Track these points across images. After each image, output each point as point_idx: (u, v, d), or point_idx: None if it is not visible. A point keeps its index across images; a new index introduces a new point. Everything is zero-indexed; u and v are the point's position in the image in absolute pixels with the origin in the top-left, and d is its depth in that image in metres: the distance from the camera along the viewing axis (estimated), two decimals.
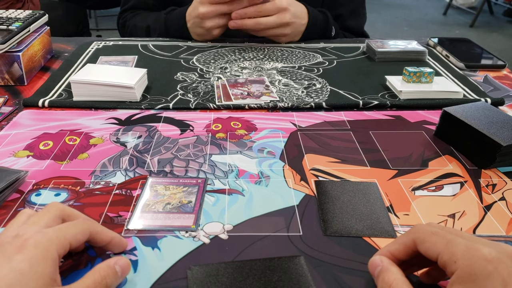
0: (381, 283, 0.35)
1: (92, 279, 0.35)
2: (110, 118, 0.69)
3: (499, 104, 0.75)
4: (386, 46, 0.94)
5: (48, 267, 0.33)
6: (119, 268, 0.37)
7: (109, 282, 0.36)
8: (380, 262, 0.37)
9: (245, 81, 0.80)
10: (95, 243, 0.40)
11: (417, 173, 0.57)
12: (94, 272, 0.36)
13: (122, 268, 0.38)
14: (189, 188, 0.52)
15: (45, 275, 0.32)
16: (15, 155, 0.59)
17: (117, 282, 0.37)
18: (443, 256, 0.33)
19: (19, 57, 0.77)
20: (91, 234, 0.39)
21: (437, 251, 0.33)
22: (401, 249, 0.37)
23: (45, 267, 0.33)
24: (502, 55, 0.99)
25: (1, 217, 0.48)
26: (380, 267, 0.36)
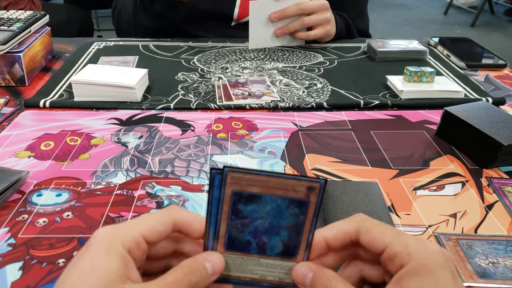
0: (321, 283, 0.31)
1: (173, 276, 0.30)
2: (111, 119, 0.69)
3: (500, 103, 0.75)
4: (387, 45, 0.94)
5: (113, 263, 0.29)
6: (209, 265, 0.31)
7: (194, 280, 0.30)
8: (309, 269, 0.32)
9: (246, 81, 0.80)
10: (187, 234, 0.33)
11: (418, 173, 0.57)
12: (177, 268, 0.31)
13: (214, 265, 0.31)
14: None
15: (109, 272, 0.28)
16: (17, 156, 0.59)
17: (206, 282, 0.31)
18: (394, 247, 0.30)
19: (20, 57, 0.77)
20: (175, 223, 0.32)
21: (386, 241, 0.31)
22: (339, 237, 0.33)
23: (108, 264, 0.29)
24: (503, 54, 0.99)
25: (3, 217, 0.48)
26: (312, 274, 0.32)
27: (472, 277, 0.42)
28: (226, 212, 0.31)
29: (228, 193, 0.30)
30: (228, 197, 0.30)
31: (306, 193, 0.30)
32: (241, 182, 0.30)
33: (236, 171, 0.30)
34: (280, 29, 0.94)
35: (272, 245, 0.32)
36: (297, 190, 0.30)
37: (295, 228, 0.31)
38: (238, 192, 0.30)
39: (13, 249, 0.44)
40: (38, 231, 0.46)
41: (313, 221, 0.31)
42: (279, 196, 0.30)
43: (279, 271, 0.33)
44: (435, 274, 0.29)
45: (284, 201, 0.31)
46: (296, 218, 0.31)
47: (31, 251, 0.44)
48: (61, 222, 0.48)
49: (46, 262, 0.43)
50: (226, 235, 0.32)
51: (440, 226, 0.48)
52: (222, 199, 0.30)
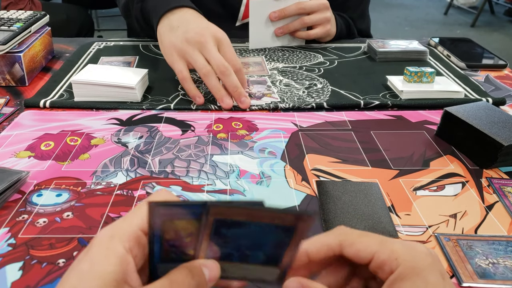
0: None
1: (171, 279, 0.30)
2: (111, 119, 0.69)
3: (500, 103, 0.75)
4: (387, 46, 0.94)
5: (110, 266, 0.29)
6: (206, 271, 0.31)
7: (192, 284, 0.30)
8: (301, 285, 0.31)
9: (247, 82, 0.80)
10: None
11: (418, 173, 0.57)
12: (174, 271, 0.30)
13: (211, 272, 0.31)
14: None
15: (105, 275, 0.28)
16: (17, 156, 0.59)
17: (204, 287, 0.31)
18: (381, 255, 0.30)
19: (20, 57, 0.77)
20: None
21: (371, 251, 0.31)
22: (322, 251, 0.33)
23: (106, 266, 0.29)
24: (503, 54, 0.99)
25: (3, 218, 0.48)
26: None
27: (472, 278, 0.42)
28: (208, 234, 0.30)
29: (210, 221, 0.29)
30: (210, 224, 0.29)
31: (294, 221, 0.29)
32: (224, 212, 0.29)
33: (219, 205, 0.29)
34: (280, 29, 0.94)
35: (255, 256, 0.32)
36: (284, 219, 0.29)
37: (279, 245, 0.31)
38: (221, 219, 0.29)
39: (13, 249, 0.44)
40: (38, 231, 0.46)
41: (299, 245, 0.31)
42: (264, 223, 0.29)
43: (261, 274, 0.33)
44: (425, 275, 0.29)
45: (270, 227, 0.30)
46: (281, 239, 0.30)
47: (31, 251, 0.44)
48: (61, 222, 0.48)
49: (46, 262, 0.43)
50: (208, 249, 0.31)
51: (440, 226, 0.48)
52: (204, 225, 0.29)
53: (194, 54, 0.70)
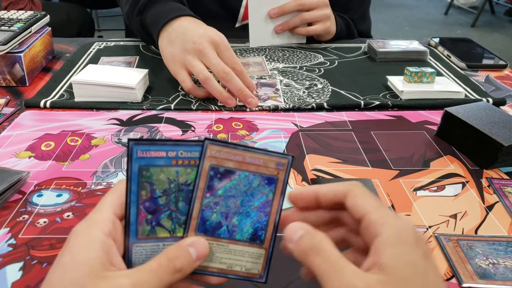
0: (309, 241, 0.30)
1: (157, 262, 0.30)
2: (112, 119, 0.69)
3: (500, 104, 0.75)
4: (387, 46, 0.94)
5: (93, 252, 0.29)
6: (193, 250, 0.31)
7: (178, 265, 0.30)
8: (302, 228, 0.32)
9: (256, 83, 0.80)
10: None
11: (418, 173, 0.57)
12: (161, 254, 0.31)
13: (198, 250, 0.31)
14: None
15: (90, 261, 0.28)
16: (17, 156, 0.59)
17: (191, 267, 0.31)
18: (372, 215, 0.31)
19: (20, 58, 0.77)
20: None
21: (366, 209, 0.31)
22: (328, 195, 0.34)
23: (88, 253, 0.29)
24: (503, 55, 0.99)
25: (3, 218, 0.48)
26: (303, 231, 0.31)
27: (473, 278, 0.42)
28: (202, 189, 0.32)
29: (206, 168, 0.31)
30: (205, 172, 0.31)
31: (275, 169, 0.32)
32: (219, 156, 0.31)
33: (216, 144, 0.31)
34: (280, 26, 0.94)
35: (242, 229, 0.33)
36: (268, 166, 0.32)
37: (264, 209, 0.33)
38: (215, 167, 0.31)
39: (13, 250, 0.44)
40: (39, 232, 0.46)
41: (280, 200, 0.33)
42: (251, 172, 0.32)
43: (246, 260, 0.33)
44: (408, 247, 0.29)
45: (256, 178, 0.32)
46: (265, 197, 0.33)
47: (31, 251, 0.44)
48: (61, 223, 0.48)
49: (46, 263, 0.43)
50: (199, 215, 0.32)
51: (440, 226, 0.48)
52: (200, 174, 0.31)
53: (193, 61, 0.71)
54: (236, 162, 0.32)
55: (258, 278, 0.34)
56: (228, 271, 0.33)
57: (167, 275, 0.30)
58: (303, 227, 0.32)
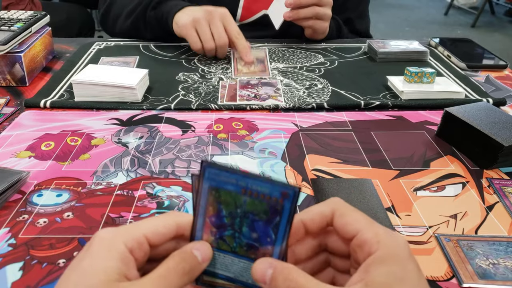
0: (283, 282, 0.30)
1: (165, 266, 0.30)
2: (112, 119, 0.69)
3: (500, 104, 0.75)
4: (387, 46, 0.94)
5: (113, 261, 0.29)
6: (197, 252, 0.32)
7: (186, 268, 0.31)
8: (269, 265, 0.31)
9: (257, 83, 0.80)
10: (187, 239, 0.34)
11: (418, 174, 0.57)
12: (168, 259, 0.31)
13: (202, 253, 0.32)
14: None
15: (108, 270, 0.29)
16: (17, 156, 0.59)
17: (198, 268, 0.32)
18: (364, 234, 0.31)
19: (20, 57, 0.77)
20: (179, 226, 0.33)
21: (358, 227, 0.31)
22: (316, 220, 0.33)
23: (108, 261, 0.29)
24: (503, 55, 0.99)
25: (3, 218, 0.48)
26: (272, 270, 0.31)
27: (473, 278, 0.42)
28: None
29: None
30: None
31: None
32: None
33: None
34: (289, 13, 0.92)
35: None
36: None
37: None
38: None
39: (13, 249, 0.44)
40: (39, 231, 0.46)
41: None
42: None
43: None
44: (402, 263, 0.29)
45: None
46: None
47: (31, 251, 0.44)
48: (61, 223, 0.48)
49: (46, 263, 0.43)
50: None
51: (440, 227, 0.48)
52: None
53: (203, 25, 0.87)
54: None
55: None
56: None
57: (176, 279, 0.30)
58: (270, 265, 0.31)
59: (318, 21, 0.94)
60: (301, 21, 0.94)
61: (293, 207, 0.31)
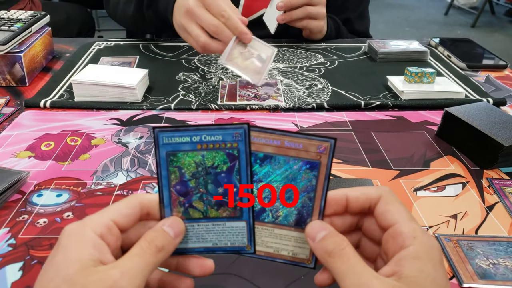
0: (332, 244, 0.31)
1: (139, 246, 0.31)
2: (112, 119, 0.69)
3: (501, 104, 0.75)
4: (387, 46, 0.94)
5: (85, 249, 0.30)
6: (168, 228, 0.32)
7: (159, 244, 0.31)
8: (325, 228, 0.32)
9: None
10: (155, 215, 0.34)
11: (419, 174, 0.57)
12: (140, 240, 0.32)
13: (173, 228, 0.32)
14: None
15: (82, 258, 0.29)
16: (17, 156, 0.59)
17: (172, 244, 0.32)
18: (402, 226, 0.31)
19: (20, 57, 0.77)
20: (142, 204, 0.33)
21: (398, 219, 0.31)
22: (360, 199, 0.34)
23: (80, 251, 0.30)
24: (503, 55, 0.99)
25: (3, 218, 0.48)
26: (327, 232, 0.32)
27: (473, 278, 0.42)
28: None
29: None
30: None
31: (317, 153, 0.32)
32: (257, 142, 0.31)
33: (254, 130, 0.31)
34: (282, 16, 0.92)
35: (285, 214, 0.33)
36: (308, 150, 0.32)
37: (308, 193, 0.32)
38: (254, 152, 0.32)
39: (13, 250, 0.44)
40: (38, 232, 0.46)
41: (325, 185, 0.32)
42: (291, 157, 0.32)
43: (293, 244, 0.33)
44: (436, 264, 0.30)
45: (297, 163, 0.32)
46: (308, 182, 0.32)
47: (31, 251, 0.44)
48: (61, 223, 0.48)
49: None
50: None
51: (440, 227, 0.48)
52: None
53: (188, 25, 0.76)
54: (274, 147, 0.32)
55: (306, 263, 0.34)
56: (275, 255, 0.34)
57: (152, 256, 0.31)
58: (326, 228, 0.32)
59: (312, 20, 0.94)
60: (295, 22, 0.94)
61: (248, 145, 0.31)
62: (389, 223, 0.32)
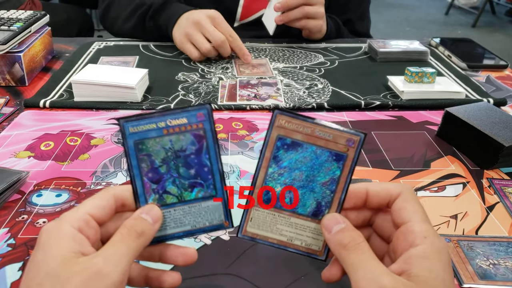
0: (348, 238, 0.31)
1: (119, 234, 0.31)
2: (111, 119, 0.69)
3: (501, 104, 0.75)
4: (388, 46, 0.94)
5: (64, 243, 0.30)
6: (146, 215, 0.32)
7: (138, 229, 0.31)
8: (343, 220, 0.33)
9: (257, 83, 0.80)
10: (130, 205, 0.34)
11: (419, 174, 0.57)
12: (119, 228, 0.32)
13: (151, 215, 0.33)
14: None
15: (60, 252, 0.29)
16: (16, 156, 0.59)
17: (152, 229, 0.32)
18: (415, 225, 0.31)
19: (20, 57, 0.77)
20: (116, 196, 0.33)
21: (412, 217, 0.32)
22: (381, 194, 0.34)
23: (59, 245, 0.29)
24: (504, 55, 0.99)
25: (2, 218, 0.48)
26: (344, 225, 0.32)
27: (473, 278, 0.41)
28: (268, 159, 0.32)
29: (273, 137, 0.32)
30: (272, 142, 0.32)
31: (345, 146, 0.32)
32: (287, 127, 0.31)
33: (286, 114, 0.31)
34: (280, 17, 0.92)
35: (304, 203, 0.33)
36: (337, 142, 0.32)
37: (329, 186, 0.32)
38: (283, 137, 0.32)
39: (12, 250, 0.44)
40: (38, 232, 0.46)
41: (348, 178, 0.32)
42: (319, 147, 0.32)
43: (307, 235, 0.33)
44: (445, 266, 0.30)
45: (323, 153, 0.32)
46: (332, 174, 0.32)
47: (30, 251, 0.44)
48: None
49: None
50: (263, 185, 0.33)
51: (441, 227, 0.48)
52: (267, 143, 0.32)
53: (194, 34, 0.87)
54: (304, 134, 0.31)
55: (318, 255, 0.34)
56: (288, 244, 0.34)
57: (133, 241, 0.31)
58: (344, 221, 0.32)
59: (310, 20, 0.94)
60: (293, 22, 0.94)
61: (212, 124, 0.32)
62: (403, 221, 0.32)
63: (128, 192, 0.34)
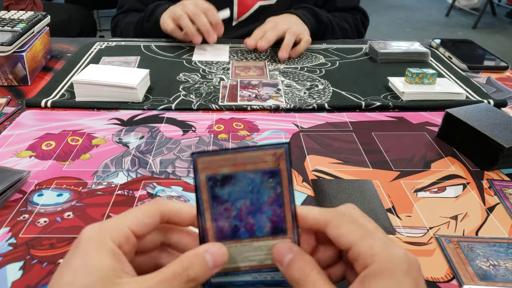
0: (297, 271, 0.31)
1: (171, 270, 0.29)
2: (113, 119, 0.69)
3: (501, 105, 0.75)
4: (388, 47, 0.94)
5: (105, 259, 0.29)
6: (209, 256, 0.30)
7: (192, 275, 0.29)
8: (290, 250, 0.31)
9: (258, 83, 0.80)
10: (176, 223, 0.33)
11: (419, 175, 0.57)
12: (177, 261, 0.30)
13: (215, 257, 0.30)
14: None
15: (102, 268, 0.28)
16: (18, 155, 0.59)
17: (206, 275, 0.30)
18: (358, 247, 0.30)
19: (23, 57, 0.77)
20: (162, 214, 0.32)
21: (351, 240, 0.30)
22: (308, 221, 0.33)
23: (100, 260, 0.29)
24: (504, 56, 0.99)
25: (4, 217, 0.48)
26: (292, 256, 0.31)
27: (473, 280, 0.41)
28: (207, 200, 0.32)
29: (203, 179, 0.31)
30: (204, 184, 0.31)
31: (274, 161, 0.31)
32: (211, 166, 0.31)
33: (205, 155, 0.31)
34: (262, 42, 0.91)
35: (260, 225, 0.32)
36: (265, 160, 0.31)
37: (276, 201, 0.32)
38: (212, 176, 0.31)
39: (13, 249, 0.44)
40: (39, 231, 0.46)
41: (290, 189, 0.32)
42: (251, 171, 0.31)
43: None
44: (398, 278, 0.29)
45: (257, 175, 0.31)
46: (273, 190, 0.32)
47: (31, 251, 0.44)
48: (62, 222, 0.48)
49: (46, 262, 0.43)
50: (214, 225, 0.32)
51: (441, 228, 0.48)
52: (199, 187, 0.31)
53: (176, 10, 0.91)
54: (230, 166, 0.31)
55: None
56: (261, 266, 0.33)
57: (179, 285, 0.29)
58: (291, 249, 0.31)
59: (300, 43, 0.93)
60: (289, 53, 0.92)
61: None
62: (346, 247, 0.31)
63: (176, 211, 0.33)
